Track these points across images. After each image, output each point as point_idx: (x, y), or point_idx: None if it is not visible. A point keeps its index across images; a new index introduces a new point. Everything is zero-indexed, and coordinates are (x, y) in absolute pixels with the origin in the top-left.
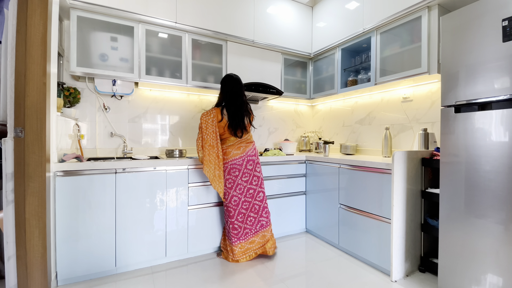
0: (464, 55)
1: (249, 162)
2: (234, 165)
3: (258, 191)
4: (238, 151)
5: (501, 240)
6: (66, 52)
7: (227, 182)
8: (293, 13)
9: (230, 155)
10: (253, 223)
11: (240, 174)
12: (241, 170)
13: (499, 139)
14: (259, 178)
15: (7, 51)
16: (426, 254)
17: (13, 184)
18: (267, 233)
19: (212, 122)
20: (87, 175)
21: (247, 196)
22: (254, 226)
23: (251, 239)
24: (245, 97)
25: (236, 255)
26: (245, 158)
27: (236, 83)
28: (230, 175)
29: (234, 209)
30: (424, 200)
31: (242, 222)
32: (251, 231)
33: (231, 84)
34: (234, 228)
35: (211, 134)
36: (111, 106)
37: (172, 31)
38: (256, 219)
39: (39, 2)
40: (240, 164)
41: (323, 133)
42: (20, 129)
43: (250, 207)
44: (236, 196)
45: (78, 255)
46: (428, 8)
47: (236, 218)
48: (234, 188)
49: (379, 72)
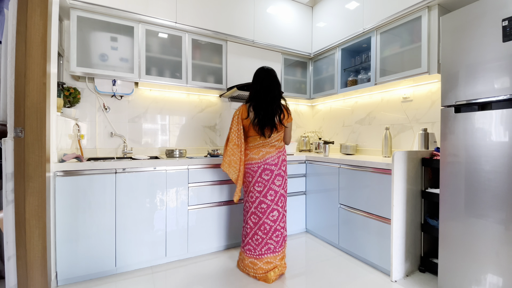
0: (464, 55)
1: (266, 171)
2: (248, 169)
3: (273, 209)
4: (255, 155)
5: (501, 240)
6: (66, 52)
7: (243, 186)
8: (293, 13)
9: (248, 158)
10: (259, 243)
11: (253, 181)
12: (254, 178)
13: (499, 139)
14: (276, 194)
15: (7, 51)
16: (426, 254)
17: (13, 184)
18: (273, 260)
19: (237, 120)
20: (87, 175)
21: (258, 209)
22: (259, 248)
23: (251, 259)
24: (278, 92)
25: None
26: (261, 166)
27: (266, 76)
28: (245, 178)
29: (245, 215)
30: (424, 200)
31: (246, 236)
32: (254, 251)
33: (261, 76)
34: (243, 234)
35: (235, 132)
36: (111, 106)
37: (172, 31)
38: (264, 240)
39: (39, 2)
40: (254, 171)
41: (323, 133)
42: (20, 129)
43: (259, 223)
44: (248, 202)
45: (78, 255)
46: (428, 8)
47: (244, 225)
48: (247, 194)
49: (379, 72)
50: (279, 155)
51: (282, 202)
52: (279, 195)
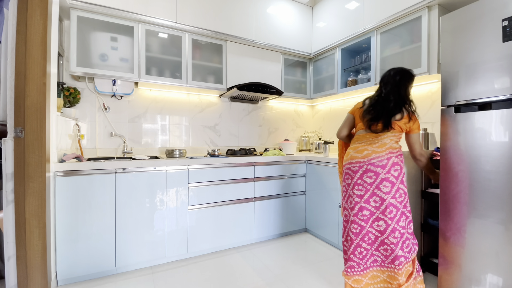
0: (464, 55)
1: (369, 172)
2: (347, 169)
3: (378, 218)
4: (358, 154)
5: (501, 240)
6: (66, 52)
7: (342, 190)
8: (293, 13)
9: (348, 157)
10: (363, 256)
11: (352, 184)
12: (353, 180)
13: (499, 139)
14: (383, 202)
15: (7, 51)
16: (426, 254)
17: (13, 184)
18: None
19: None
20: (87, 175)
21: (358, 216)
22: (364, 261)
23: (356, 277)
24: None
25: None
26: (363, 166)
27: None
28: (344, 181)
29: (345, 226)
30: (424, 200)
31: (349, 249)
32: (358, 267)
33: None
34: (343, 250)
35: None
36: (111, 106)
37: (172, 31)
38: (369, 251)
39: (39, 2)
40: (355, 171)
41: (323, 133)
42: (20, 129)
43: (361, 234)
44: (347, 210)
45: (78, 255)
46: (428, 8)
47: (345, 239)
48: (345, 199)
49: (379, 72)
50: (390, 156)
51: (393, 213)
52: (386, 204)
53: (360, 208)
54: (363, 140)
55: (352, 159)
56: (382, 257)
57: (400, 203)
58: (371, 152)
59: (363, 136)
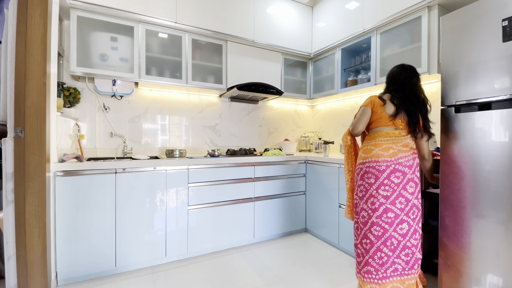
0: (464, 55)
1: (397, 172)
2: (371, 168)
3: (402, 220)
4: (383, 152)
5: (501, 240)
6: (66, 52)
7: (358, 190)
8: (293, 13)
9: (370, 154)
10: (384, 263)
11: (377, 184)
12: (380, 179)
13: (499, 139)
14: (408, 202)
15: (7, 51)
16: (426, 254)
17: (13, 184)
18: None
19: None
20: (87, 175)
21: (382, 218)
22: (384, 269)
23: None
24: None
25: None
26: (391, 165)
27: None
28: (363, 180)
29: (361, 228)
30: (424, 200)
31: (364, 254)
32: (377, 274)
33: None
34: (357, 253)
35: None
36: (111, 106)
37: (172, 31)
38: (391, 258)
39: (39, 2)
40: (382, 170)
41: (323, 133)
42: (20, 129)
43: (384, 236)
44: (366, 211)
45: (78, 255)
46: (428, 8)
47: (360, 241)
48: (365, 200)
49: (379, 72)
50: (414, 157)
51: (415, 214)
52: (411, 205)
53: (385, 209)
54: (386, 137)
55: (378, 157)
56: (403, 264)
57: (420, 204)
58: (397, 151)
59: (386, 133)
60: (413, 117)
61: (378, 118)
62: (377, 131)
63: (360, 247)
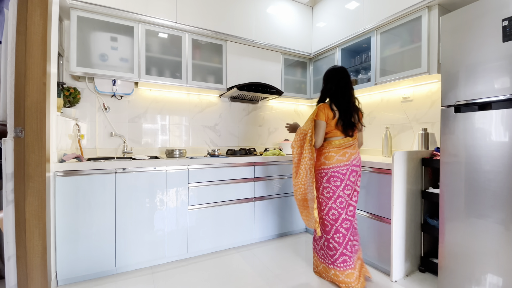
0: (464, 55)
1: (353, 173)
2: (336, 172)
3: (355, 207)
4: (343, 157)
5: (501, 240)
6: (66, 52)
7: (325, 191)
8: (293, 13)
9: (333, 161)
10: (355, 250)
11: (342, 186)
12: (344, 181)
13: (499, 139)
14: (357, 193)
15: (7, 51)
16: (426, 254)
17: (13, 184)
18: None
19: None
20: (87, 175)
21: (348, 214)
22: (356, 255)
23: (349, 271)
24: (353, 91)
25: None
26: (349, 168)
27: (342, 74)
28: (329, 183)
29: (332, 224)
30: (424, 200)
31: (340, 245)
32: (350, 260)
33: (337, 75)
34: (329, 248)
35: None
36: (111, 106)
37: (172, 31)
38: (357, 245)
39: (39, 2)
40: (343, 173)
41: None
42: (20, 129)
43: (351, 229)
44: (336, 210)
45: (78, 255)
46: (428, 8)
47: (332, 236)
48: (334, 200)
49: (379, 72)
50: (360, 156)
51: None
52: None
53: (348, 205)
54: (341, 145)
55: (340, 163)
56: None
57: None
58: (350, 154)
59: (340, 141)
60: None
61: (332, 130)
62: (333, 140)
63: (332, 242)
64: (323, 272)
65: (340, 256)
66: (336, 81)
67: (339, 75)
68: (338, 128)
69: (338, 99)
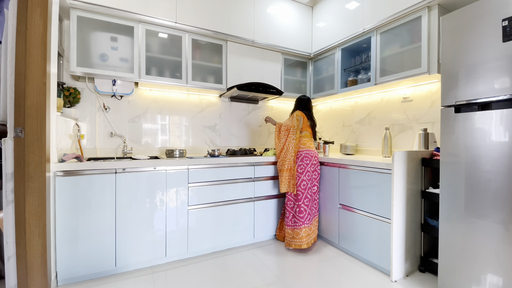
0: (464, 55)
1: (316, 158)
2: (307, 154)
3: (317, 180)
4: (312, 145)
5: (501, 240)
6: (66, 52)
7: (299, 168)
8: (293, 13)
9: (306, 146)
10: (314, 211)
11: (310, 164)
12: (311, 161)
13: (499, 139)
14: (318, 175)
15: (7, 51)
16: (426, 254)
17: (13, 184)
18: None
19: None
20: (87, 175)
21: (311, 184)
22: (314, 213)
23: (312, 223)
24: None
25: (301, 239)
26: (314, 154)
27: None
28: (302, 162)
29: (302, 193)
30: (424, 200)
31: (308, 207)
32: (312, 216)
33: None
34: (300, 211)
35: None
36: (111, 106)
37: (172, 31)
38: (315, 208)
39: (39, 2)
40: (311, 156)
41: (323, 133)
42: (20, 129)
43: (313, 197)
44: (305, 181)
45: (78, 255)
46: (428, 8)
47: (303, 202)
48: (304, 174)
49: (379, 72)
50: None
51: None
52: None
53: (312, 180)
54: (310, 137)
55: (310, 148)
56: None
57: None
58: (314, 146)
59: (310, 135)
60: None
61: (305, 126)
62: (307, 134)
63: (303, 206)
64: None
65: (308, 215)
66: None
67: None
68: (309, 126)
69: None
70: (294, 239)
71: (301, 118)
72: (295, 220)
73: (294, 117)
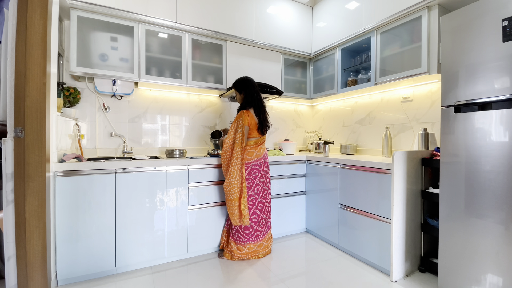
0: (464, 55)
1: (265, 164)
2: (255, 166)
3: (268, 192)
4: (259, 152)
5: (501, 240)
6: (66, 52)
7: (247, 182)
8: (293, 13)
9: (253, 156)
10: (264, 225)
11: (259, 175)
12: (260, 172)
13: (499, 139)
14: (269, 180)
15: (7, 51)
16: (426, 254)
17: (13, 184)
18: (269, 235)
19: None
20: (87, 175)
21: (262, 197)
22: (264, 229)
23: (260, 242)
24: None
25: (243, 255)
26: (263, 160)
27: (255, 85)
28: (250, 175)
29: (250, 208)
30: (424, 200)
31: (255, 223)
32: (261, 234)
33: (253, 86)
34: (246, 227)
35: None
36: (111, 106)
37: (172, 31)
38: (266, 221)
39: (39, 2)
40: (260, 166)
41: (323, 133)
42: (20, 129)
43: (264, 209)
44: (254, 196)
45: (78, 255)
46: (428, 8)
47: (250, 218)
48: (252, 188)
49: (379, 72)
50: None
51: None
52: (269, 181)
53: (263, 190)
54: (259, 143)
55: (258, 157)
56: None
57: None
58: (264, 149)
59: (258, 140)
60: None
61: (253, 132)
62: (254, 140)
63: (250, 222)
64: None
65: (255, 232)
66: (253, 92)
67: (253, 86)
68: (257, 130)
69: (257, 106)
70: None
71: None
72: (239, 236)
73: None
